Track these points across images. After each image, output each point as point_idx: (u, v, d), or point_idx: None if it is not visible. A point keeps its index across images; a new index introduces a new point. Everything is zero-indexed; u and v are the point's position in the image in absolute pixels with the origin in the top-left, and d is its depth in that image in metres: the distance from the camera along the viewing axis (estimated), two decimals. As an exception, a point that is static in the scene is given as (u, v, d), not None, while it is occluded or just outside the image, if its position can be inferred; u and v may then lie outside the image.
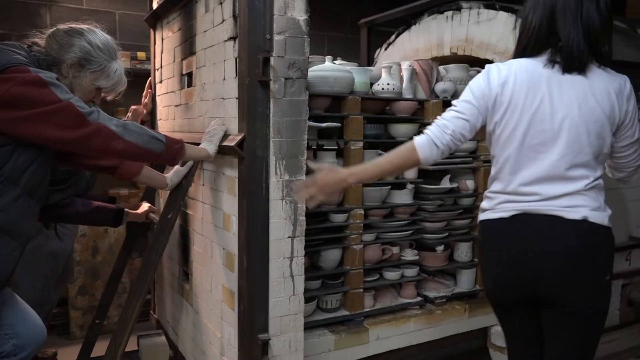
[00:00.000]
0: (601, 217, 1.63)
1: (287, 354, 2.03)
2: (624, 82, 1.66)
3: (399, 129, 2.70)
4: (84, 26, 1.87)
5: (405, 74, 2.74)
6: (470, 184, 2.90)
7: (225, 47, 2.05)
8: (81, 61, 1.79)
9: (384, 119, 2.68)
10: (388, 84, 2.64)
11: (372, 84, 2.68)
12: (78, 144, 1.68)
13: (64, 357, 3.16)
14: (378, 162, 1.74)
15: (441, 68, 2.92)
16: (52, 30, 1.82)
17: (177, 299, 2.76)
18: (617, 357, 2.74)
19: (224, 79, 2.08)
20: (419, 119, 2.74)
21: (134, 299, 2.18)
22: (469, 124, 1.68)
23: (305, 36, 1.95)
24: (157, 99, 3.06)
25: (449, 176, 2.86)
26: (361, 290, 2.56)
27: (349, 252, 2.53)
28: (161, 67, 2.98)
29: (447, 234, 2.86)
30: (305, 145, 2.00)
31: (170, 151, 1.86)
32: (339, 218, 2.52)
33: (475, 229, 2.93)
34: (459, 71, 2.87)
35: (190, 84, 2.55)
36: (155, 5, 2.98)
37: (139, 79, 3.50)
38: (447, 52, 3.17)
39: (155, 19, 2.94)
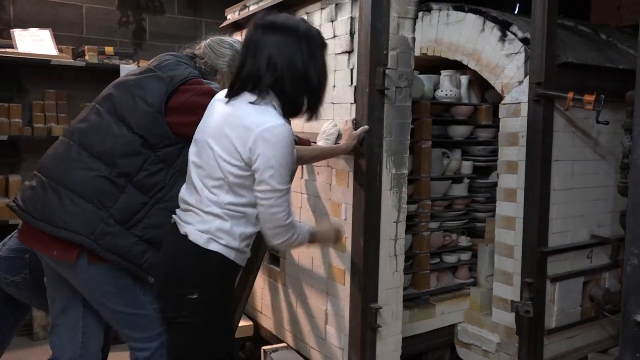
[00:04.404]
0: None
1: (390, 322, 2.37)
2: None
3: (458, 130, 3.07)
4: (229, 38, 2.18)
5: (463, 81, 3.12)
6: (513, 179, 3.29)
7: (337, 59, 2.37)
8: (231, 68, 2.10)
9: (446, 120, 3.05)
10: (450, 90, 3.00)
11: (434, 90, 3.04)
12: None
13: (29, 357, 3.26)
14: None
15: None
16: (205, 42, 2.11)
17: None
18: (578, 352, 2.90)
19: (334, 86, 2.39)
20: (473, 121, 3.12)
21: (244, 281, 2.50)
22: None
23: (412, 51, 2.30)
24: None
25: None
26: (428, 271, 2.93)
27: (418, 238, 2.88)
28: (239, 71, 3.26)
29: (493, 222, 3.25)
30: (408, 144, 2.35)
31: None
32: (410, 208, 2.87)
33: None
34: (504, 79, 3.25)
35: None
36: (230, 15, 3.28)
37: (106, 74, 3.44)
38: (417, 53, 3.14)
39: (235, 29, 3.22)
